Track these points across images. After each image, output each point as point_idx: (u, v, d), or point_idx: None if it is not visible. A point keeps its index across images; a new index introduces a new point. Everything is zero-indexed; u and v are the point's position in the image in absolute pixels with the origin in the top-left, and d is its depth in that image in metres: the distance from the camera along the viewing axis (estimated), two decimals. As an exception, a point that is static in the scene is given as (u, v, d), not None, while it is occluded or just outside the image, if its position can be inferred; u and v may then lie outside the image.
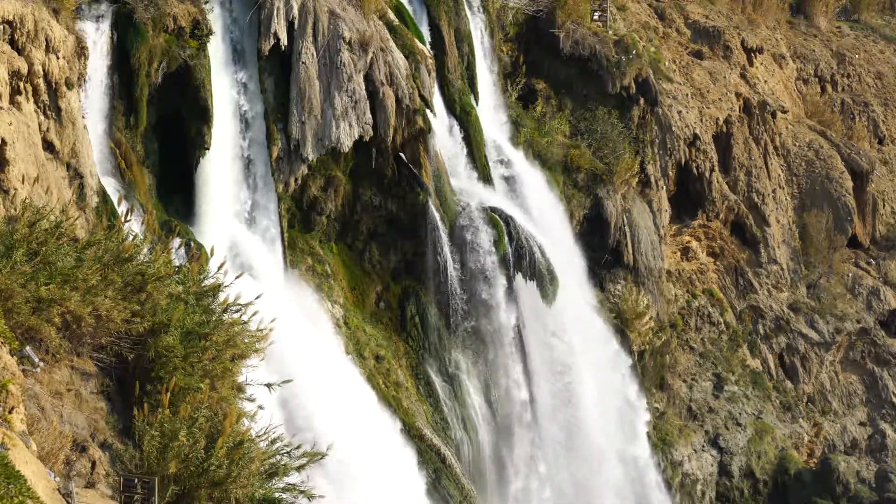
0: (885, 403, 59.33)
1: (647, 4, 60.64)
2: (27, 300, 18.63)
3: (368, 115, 39.75)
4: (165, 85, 36.37)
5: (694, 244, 56.76)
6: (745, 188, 57.87)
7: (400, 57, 41.10)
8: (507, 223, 43.57)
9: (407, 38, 42.37)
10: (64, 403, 18.85)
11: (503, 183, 46.50)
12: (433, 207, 41.71)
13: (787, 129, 61.57)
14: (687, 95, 55.54)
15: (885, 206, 63.44)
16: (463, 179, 44.55)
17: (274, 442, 20.31)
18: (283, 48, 38.75)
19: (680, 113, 54.51)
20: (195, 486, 18.79)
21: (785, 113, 61.39)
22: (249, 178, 38.79)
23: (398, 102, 40.50)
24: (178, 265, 23.06)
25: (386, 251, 42.39)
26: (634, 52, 51.84)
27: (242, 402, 21.57)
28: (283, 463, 20.38)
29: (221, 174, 37.75)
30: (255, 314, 22.06)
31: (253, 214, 38.75)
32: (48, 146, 29.80)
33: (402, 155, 41.45)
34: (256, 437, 19.98)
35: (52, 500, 15.51)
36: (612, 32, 53.24)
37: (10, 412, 15.92)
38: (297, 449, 20.62)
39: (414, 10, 45.11)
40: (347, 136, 39.38)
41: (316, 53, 39.24)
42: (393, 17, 42.74)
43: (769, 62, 63.31)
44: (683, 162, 54.87)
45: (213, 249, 27.67)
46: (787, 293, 58.57)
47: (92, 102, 34.11)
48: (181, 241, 32.65)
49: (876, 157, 64.44)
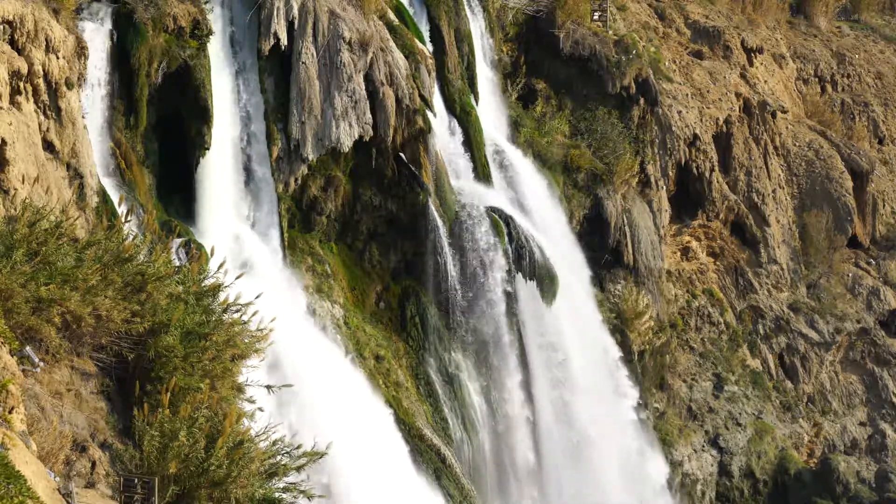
0: (885, 403, 59.32)
1: (647, 4, 60.63)
2: (27, 300, 18.62)
3: (368, 115, 39.75)
4: (165, 85, 36.37)
5: (694, 244, 56.75)
6: (745, 188, 57.86)
7: (400, 57, 41.10)
8: (506, 223, 43.56)
9: (407, 38, 42.37)
10: (64, 403, 18.84)
11: (503, 183, 46.50)
12: (433, 207, 41.71)
13: (787, 129, 61.55)
14: (687, 95, 55.53)
15: (885, 206, 63.43)
16: (463, 179, 44.52)
17: (274, 442, 20.31)
18: (283, 48, 38.75)
19: (680, 113, 54.49)
20: (195, 486, 18.78)
21: (785, 113, 61.37)
22: (249, 178, 38.78)
23: (398, 102, 40.49)
24: (178, 265, 23.06)
25: (386, 251, 42.38)
26: (634, 52, 51.83)
27: (242, 402, 21.58)
28: (283, 463, 20.38)
29: (221, 174, 37.74)
30: (255, 314, 22.07)
31: (253, 214, 38.74)
32: (48, 146, 29.78)
33: (402, 155, 41.44)
34: (256, 436, 19.98)
35: (52, 500, 15.50)
36: (612, 32, 53.23)
37: (10, 412, 15.92)
38: (297, 449, 20.62)
39: (414, 10, 45.12)
40: (347, 136, 39.37)
41: (316, 53, 39.24)
42: (393, 17, 42.74)
43: (769, 62, 63.30)
44: (683, 162, 54.85)
45: (213, 249, 27.63)
46: (787, 293, 58.56)
47: (92, 102, 34.10)
48: (181, 241, 32.64)
49: (876, 157, 64.43)
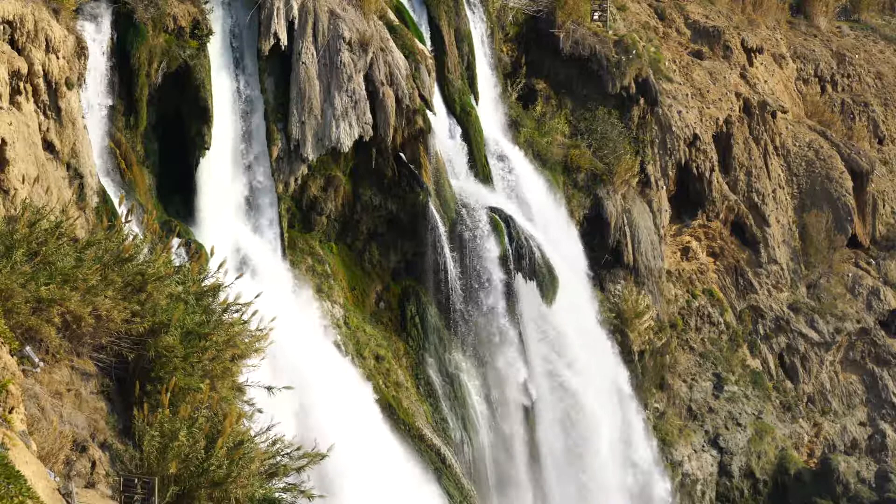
0: (885, 403, 59.32)
1: (647, 4, 60.62)
2: (27, 300, 18.62)
3: (368, 115, 39.74)
4: (165, 85, 36.34)
5: (694, 244, 56.74)
6: (745, 188, 57.86)
7: (400, 57, 41.09)
8: (507, 223, 43.56)
9: (407, 38, 42.36)
10: (64, 403, 18.84)
11: (503, 183, 46.50)
12: (433, 207, 41.70)
13: (787, 129, 61.54)
14: (687, 95, 55.52)
15: (885, 206, 63.43)
16: (463, 179, 44.53)
17: (274, 442, 20.31)
18: (283, 48, 38.73)
19: (680, 113, 54.48)
20: (195, 486, 18.79)
21: (785, 113, 61.36)
22: (249, 178, 38.75)
23: (398, 102, 40.48)
24: (178, 265, 23.07)
25: (386, 251, 42.38)
26: (634, 52, 51.82)
27: (242, 402, 21.58)
28: (283, 463, 20.39)
29: (221, 174, 37.72)
30: (255, 314, 22.08)
31: (253, 214, 38.72)
32: (48, 146, 29.76)
33: (402, 155, 41.44)
34: (256, 436, 19.99)
35: (52, 500, 15.50)
36: (612, 32, 53.22)
37: (10, 412, 15.92)
38: (297, 450, 20.62)
39: (414, 10, 45.10)
40: (347, 136, 39.36)
41: (316, 53, 39.22)
42: (393, 17, 42.73)
43: (769, 62, 63.29)
44: (683, 162, 54.84)
45: (212, 249, 27.64)
46: (787, 293, 58.55)
47: (92, 102, 34.08)
48: (181, 241, 32.62)
49: (876, 157, 64.42)
